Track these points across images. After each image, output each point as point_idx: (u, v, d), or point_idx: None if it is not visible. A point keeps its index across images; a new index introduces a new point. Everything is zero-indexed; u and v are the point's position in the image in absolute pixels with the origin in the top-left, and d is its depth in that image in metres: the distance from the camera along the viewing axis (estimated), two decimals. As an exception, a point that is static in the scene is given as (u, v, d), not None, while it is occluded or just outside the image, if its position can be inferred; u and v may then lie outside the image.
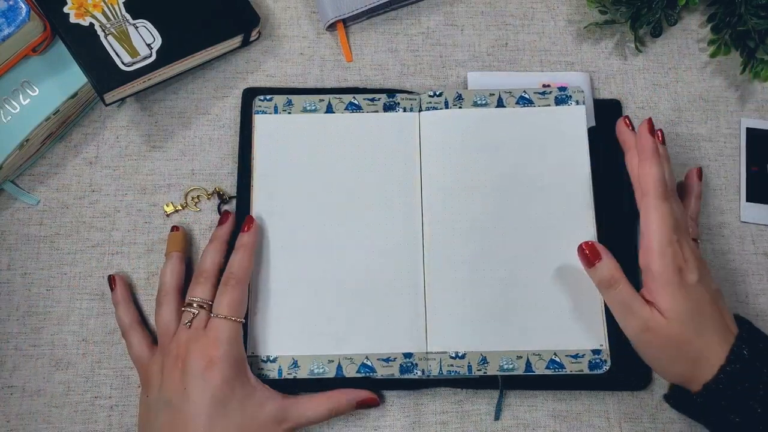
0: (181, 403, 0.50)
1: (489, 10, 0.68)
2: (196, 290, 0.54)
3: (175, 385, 0.50)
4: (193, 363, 0.50)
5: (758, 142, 0.64)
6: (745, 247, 0.61)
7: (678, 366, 0.51)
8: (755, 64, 0.62)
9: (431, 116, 0.60)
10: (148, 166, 0.62)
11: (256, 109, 0.61)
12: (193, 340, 0.51)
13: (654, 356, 0.52)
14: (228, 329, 0.52)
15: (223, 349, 0.51)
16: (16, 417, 0.56)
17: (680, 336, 0.49)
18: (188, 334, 0.52)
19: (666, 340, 0.50)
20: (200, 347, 0.51)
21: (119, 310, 0.57)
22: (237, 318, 0.52)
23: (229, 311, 0.52)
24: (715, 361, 0.49)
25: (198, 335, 0.52)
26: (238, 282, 0.54)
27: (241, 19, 0.63)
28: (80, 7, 0.59)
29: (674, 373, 0.52)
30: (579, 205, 0.58)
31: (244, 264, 0.55)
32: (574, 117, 0.60)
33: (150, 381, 0.52)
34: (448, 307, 0.56)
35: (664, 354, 0.51)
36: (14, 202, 0.61)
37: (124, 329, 0.56)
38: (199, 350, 0.51)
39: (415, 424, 0.56)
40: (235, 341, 0.52)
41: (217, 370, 0.50)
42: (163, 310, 0.54)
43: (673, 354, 0.50)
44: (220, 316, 0.52)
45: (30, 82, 0.59)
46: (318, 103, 0.61)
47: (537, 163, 0.59)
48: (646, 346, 0.51)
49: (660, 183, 0.52)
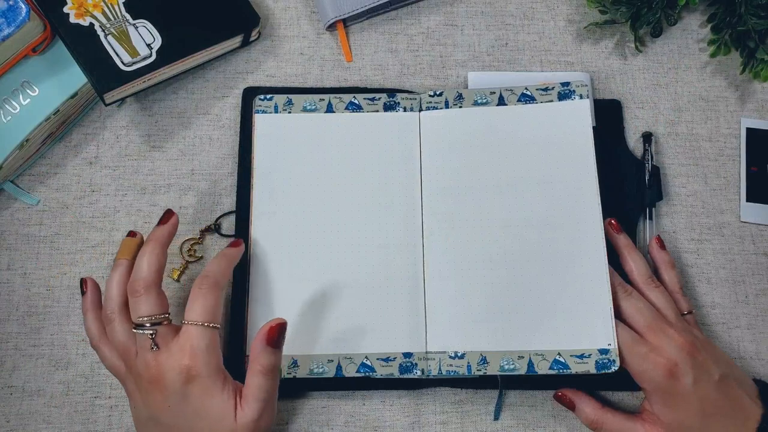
0: (169, 419, 0.48)
1: (489, 10, 0.68)
2: (140, 307, 0.48)
3: (159, 404, 0.48)
4: (172, 380, 0.47)
5: (758, 142, 0.64)
6: (745, 247, 0.61)
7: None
8: (755, 64, 0.62)
9: (431, 116, 0.60)
10: (148, 166, 0.62)
11: (256, 108, 0.61)
12: (163, 356, 0.47)
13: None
14: (205, 337, 0.47)
15: (201, 360, 0.47)
16: (16, 417, 0.56)
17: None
18: (154, 354, 0.47)
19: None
20: (174, 361, 0.47)
21: (88, 318, 0.52)
22: (213, 324, 0.48)
23: (204, 317, 0.48)
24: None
25: (168, 349, 0.47)
26: (215, 285, 0.49)
27: (241, 19, 0.63)
28: (80, 7, 0.59)
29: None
30: (585, 199, 0.57)
31: (223, 269, 0.51)
32: (579, 111, 0.59)
33: (131, 397, 0.50)
34: (447, 307, 0.56)
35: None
36: (14, 202, 0.61)
37: (93, 340, 0.51)
38: (174, 365, 0.47)
39: (415, 424, 0.56)
40: (213, 349, 0.48)
41: (198, 383, 0.47)
42: (115, 329, 0.49)
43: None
44: (195, 323, 0.47)
45: (30, 82, 0.59)
46: (318, 102, 0.61)
47: (540, 160, 0.58)
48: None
49: (619, 284, 0.54)
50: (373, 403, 0.57)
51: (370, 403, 0.57)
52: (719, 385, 0.49)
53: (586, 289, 0.55)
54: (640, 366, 0.50)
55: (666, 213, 0.62)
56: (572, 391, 0.54)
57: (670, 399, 0.49)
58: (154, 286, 0.49)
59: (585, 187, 0.57)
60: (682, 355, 0.49)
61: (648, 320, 0.52)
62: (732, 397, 0.49)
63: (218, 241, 0.60)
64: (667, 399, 0.49)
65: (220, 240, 0.60)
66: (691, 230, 0.61)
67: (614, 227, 0.57)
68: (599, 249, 0.56)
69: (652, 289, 0.54)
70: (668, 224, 0.61)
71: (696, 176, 0.63)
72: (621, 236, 0.57)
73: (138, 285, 0.48)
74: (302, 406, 0.57)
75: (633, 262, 0.56)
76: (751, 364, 0.58)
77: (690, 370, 0.48)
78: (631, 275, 0.56)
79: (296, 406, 0.57)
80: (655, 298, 0.54)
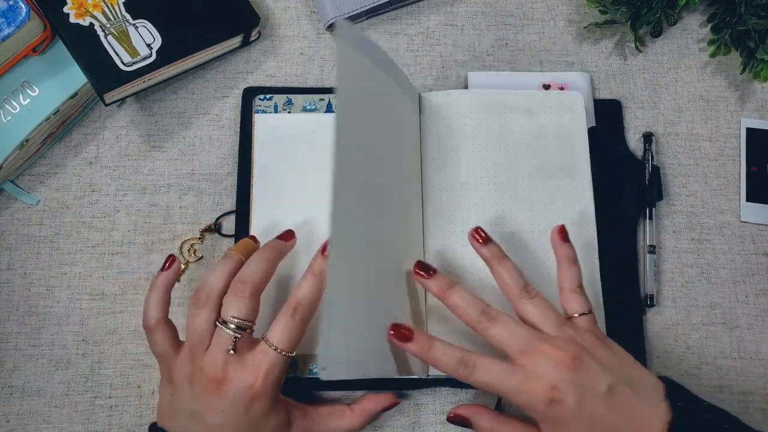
0: (217, 421, 0.47)
1: (489, 10, 0.68)
2: (234, 306, 0.48)
3: (212, 406, 0.47)
4: (236, 392, 0.47)
5: (758, 142, 0.64)
6: (745, 247, 0.61)
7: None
8: (755, 64, 0.62)
9: (432, 116, 0.60)
10: (148, 166, 0.62)
11: (256, 108, 0.61)
12: (234, 364, 0.47)
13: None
14: (280, 363, 0.48)
15: (270, 383, 0.47)
16: (16, 417, 0.56)
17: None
18: (227, 357, 0.47)
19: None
20: (245, 376, 0.47)
21: (153, 297, 0.50)
22: (289, 353, 0.48)
23: (286, 346, 0.48)
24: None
25: (242, 359, 0.47)
26: (305, 317, 0.49)
27: (241, 19, 0.63)
28: (80, 7, 0.59)
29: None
30: (580, 206, 0.58)
31: (315, 293, 0.49)
32: (574, 119, 0.60)
33: (176, 386, 0.49)
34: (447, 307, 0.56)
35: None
36: (14, 202, 0.61)
37: (150, 320, 0.50)
38: (244, 379, 0.47)
39: (415, 424, 0.56)
40: (281, 374, 0.48)
41: (260, 403, 0.47)
42: (199, 316, 0.49)
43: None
44: (275, 348, 0.47)
45: (30, 82, 0.59)
46: (318, 102, 0.61)
47: (537, 162, 0.59)
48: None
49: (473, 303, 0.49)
50: (373, 403, 0.57)
51: (370, 403, 0.57)
52: (608, 398, 0.44)
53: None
54: (518, 398, 0.45)
55: (666, 213, 0.62)
56: (465, 407, 0.51)
57: (558, 425, 0.45)
58: (258, 293, 0.49)
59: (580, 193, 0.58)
60: (561, 375, 0.44)
61: (520, 343, 0.46)
62: (624, 410, 0.45)
63: (218, 241, 0.60)
64: (556, 426, 0.45)
65: (220, 240, 0.60)
66: (691, 230, 0.61)
67: (479, 238, 0.51)
68: (590, 253, 0.57)
69: (525, 303, 0.49)
70: (668, 224, 0.61)
71: (696, 176, 0.63)
72: (488, 246, 0.51)
73: (245, 286, 0.49)
74: (302, 406, 0.57)
75: (505, 272, 0.50)
76: (751, 364, 0.58)
77: (570, 389, 0.44)
78: (504, 289, 0.50)
79: (296, 406, 0.57)
80: (529, 313, 0.48)
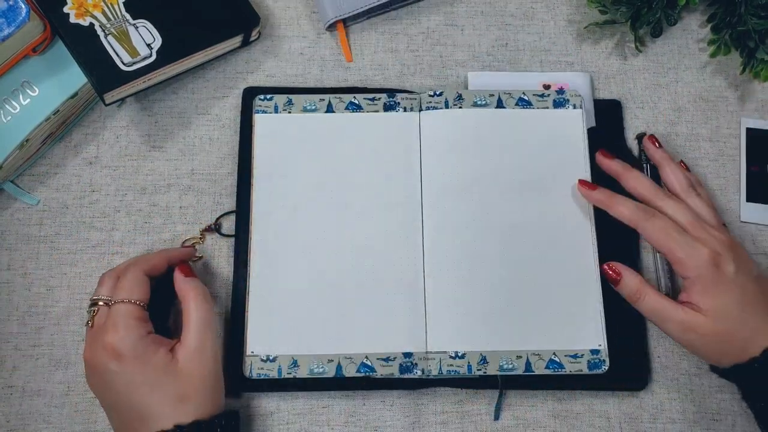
0: (112, 398, 0.50)
1: (489, 10, 0.68)
2: (101, 287, 0.52)
3: (103, 387, 0.50)
4: (101, 359, 0.49)
5: (758, 142, 0.64)
6: (745, 247, 0.61)
7: (727, 357, 0.52)
8: (755, 64, 0.62)
9: (431, 116, 0.60)
10: (148, 166, 0.62)
11: (256, 108, 0.61)
12: (96, 336, 0.50)
13: (701, 351, 0.53)
14: (124, 310, 0.50)
15: (120, 334, 0.49)
16: (16, 417, 0.56)
17: (725, 330, 0.51)
18: (91, 333, 0.51)
19: (710, 336, 0.51)
20: (101, 341, 0.49)
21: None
22: (134, 300, 0.50)
23: (127, 294, 0.51)
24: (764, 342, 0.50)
25: (99, 329, 0.50)
26: (133, 265, 0.52)
27: (241, 19, 0.63)
28: (80, 7, 0.59)
29: (724, 361, 0.52)
30: (577, 206, 0.58)
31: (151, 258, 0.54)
32: (572, 120, 0.60)
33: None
34: (447, 307, 0.56)
35: (711, 348, 0.52)
36: (14, 202, 0.61)
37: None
38: (101, 344, 0.49)
39: (415, 424, 0.56)
40: (132, 320, 0.50)
41: (123, 357, 0.49)
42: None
43: (721, 347, 0.51)
44: (118, 301, 0.50)
45: (30, 82, 0.59)
46: (318, 102, 0.61)
47: (536, 164, 0.59)
48: (691, 345, 0.53)
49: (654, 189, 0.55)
50: (373, 403, 0.57)
51: (370, 403, 0.57)
52: (758, 279, 0.52)
53: (577, 292, 0.56)
54: (684, 252, 0.51)
55: (666, 213, 0.62)
56: (619, 264, 0.55)
57: (712, 286, 0.51)
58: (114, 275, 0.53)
59: (578, 193, 0.58)
60: (725, 248, 0.51)
61: (689, 219, 0.53)
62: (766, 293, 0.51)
63: (218, 241, 0.60)
64: (708, 287, 0.51)
65: (220, 240, 0.60)
66: (691, 230, 0.61)
67: (652, 141, 0.60)
68: (588, 255, 0.57)
69: (693, 197, 0.56)
70: (668, 224, 0.61)
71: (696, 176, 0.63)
72: (659, 150, 0.60)
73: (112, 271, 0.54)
74: (302, 406, 0.57)
75: (672, 173, 0.58)
76: (751, 364, 0.58)
77: (732, 260, 0.51)
78: (673, 186, 0.57)
79: (296, 406, 0.57)
80: (695, 205, 0.56)
